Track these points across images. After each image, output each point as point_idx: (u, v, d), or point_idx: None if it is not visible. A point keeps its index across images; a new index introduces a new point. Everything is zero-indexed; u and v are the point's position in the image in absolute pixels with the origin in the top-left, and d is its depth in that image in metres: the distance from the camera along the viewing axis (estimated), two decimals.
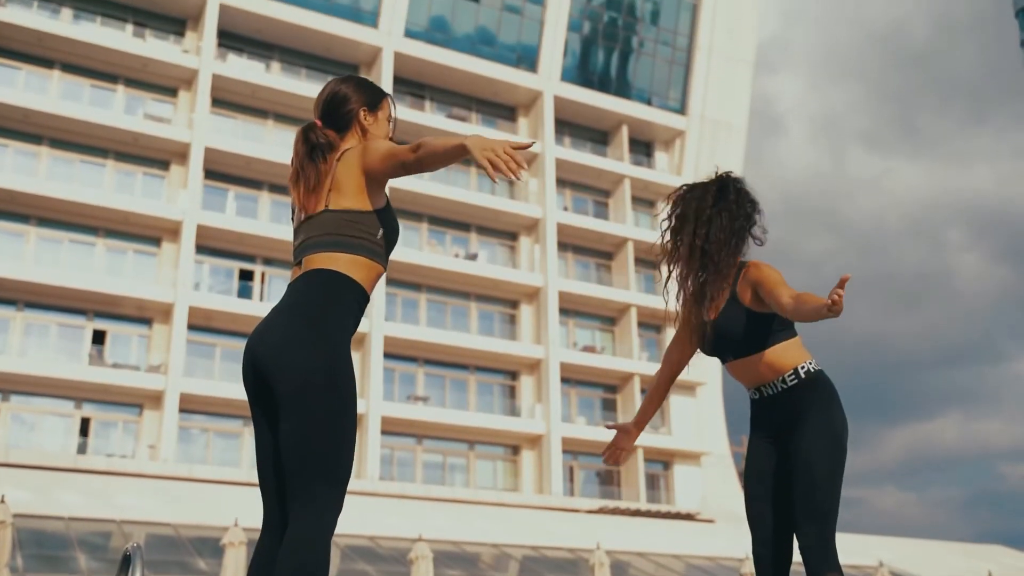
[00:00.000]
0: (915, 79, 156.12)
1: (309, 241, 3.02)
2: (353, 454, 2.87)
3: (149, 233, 32.07)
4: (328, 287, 2.94)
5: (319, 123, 3.17)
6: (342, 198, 3.00)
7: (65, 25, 31.86)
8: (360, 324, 3.34)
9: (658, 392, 3.99)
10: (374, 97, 3.22)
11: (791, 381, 3.61)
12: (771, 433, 3.67)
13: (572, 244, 39.06)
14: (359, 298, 2.99)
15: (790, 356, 3.63)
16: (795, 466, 3.50)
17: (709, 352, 3.79)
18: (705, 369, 37.92)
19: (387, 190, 3.17)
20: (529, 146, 2.78)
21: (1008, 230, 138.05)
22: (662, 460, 37.78)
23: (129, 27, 33.58)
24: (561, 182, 39.46)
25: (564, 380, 36.67)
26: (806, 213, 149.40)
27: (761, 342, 3.64)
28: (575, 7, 40.01)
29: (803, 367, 3.61)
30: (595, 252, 39.70)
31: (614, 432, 4.10)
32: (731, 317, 3.68)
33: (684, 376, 4.06)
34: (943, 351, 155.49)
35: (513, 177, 2.70)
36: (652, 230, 40.48)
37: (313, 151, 3.08)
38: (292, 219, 3.19)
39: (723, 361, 3.79)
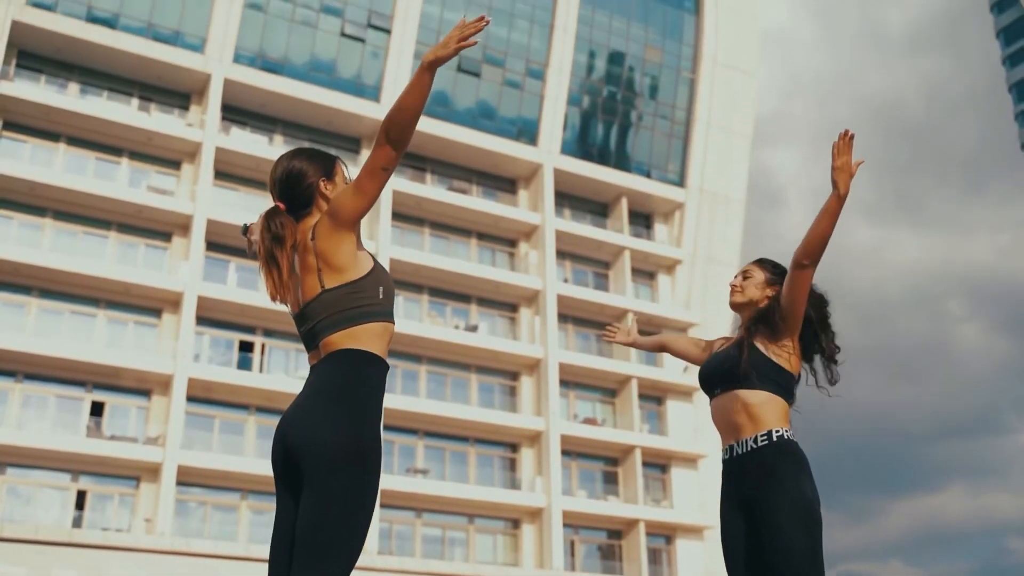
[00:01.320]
0: (913, 152, 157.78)
1: (320, 325, 3.02)
2: (366, 535, 2.87)
3: (150, 304, 32.12)
4: (354, 368, 2.97)
5: (282, 205, 3.14)
6: (334, 273, 3.02)
7: (72, 99, 32.30)
8: None
9: (656, 344, 4.28)
10: (327, 165, 3.20)
11: (762, 441, 3.56)
12: (741, 502, 3.59)
13: (572, 315, 39.08)
14: (383, 370, 3.04)
15: (771, 414, 3.60)
16: (770, 544, 3.42)
17: (703, 377, 3.81)
18: (708, 442, 37.66)
19: (372, 253, 3.18)
20: (476, 22, 2.88)
21: (1008, 301, 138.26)
22: (664, 534, 37.32)
23: (135, 101, 34.03)
24: (561, 254, 39.63)
25: (565, 452, 36.39)
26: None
27: (753, 379, 3.62)
28: (574, 82, 40.58)
29: (778, 431, 3.57)
30: (595, 324, 39.69)
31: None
32: (737, 347, 3.72)
33: (687, 448, 4.10)
34: (947, 423, 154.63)
35: (476, 33, 2.85)
36: (652, 301, 40.57)
37: (275, 242, 3.07)
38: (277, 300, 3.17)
39: (711, 395, 3.77)
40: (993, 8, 70.06)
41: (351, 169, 3.27)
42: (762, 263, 3.94)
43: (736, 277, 3.95)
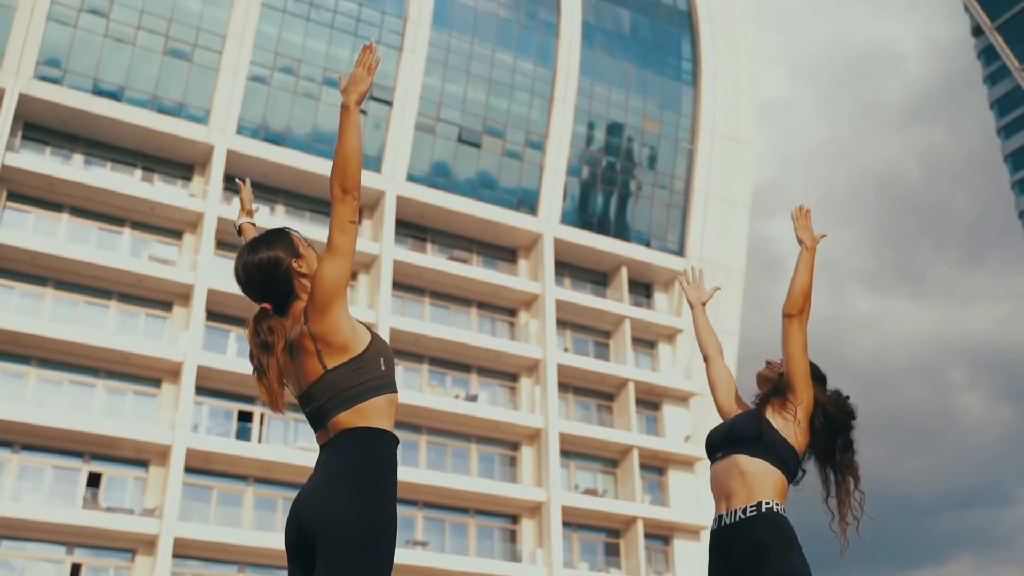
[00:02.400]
0: (911, 221, 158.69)
1: (326, 406, 2.99)
2: None
3: (149, 374, 32.04)
4: (366, 446, 2.94)
5: (268, 306, 3.07)
6: (335, 351, 2.98)
7: (76, 170, 32.60)
8: None
9: (706, 344, 4.26)
10: (289, 242, 3.14)
11: (751, 512, 3.51)
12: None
13: (573, 385, 38.95)
14: (394, 445, 3.01)
15: (767, 485, 3.55)
16: None
17: (708, 439, 3.80)
18: (710, 513, 37.24)
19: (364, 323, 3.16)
20: (368, 48, 3.00)
21: (1010, 371, 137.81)
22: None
23: (138, 171, 34.34)
24: (561, 323, 39.63)
25: (566, 524, 35.99)
26: (810, 353, 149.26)
27: (756, 446, 3.59)
28: (574, 152, 40.98)
29: (768, 503, 3.52)
30: (596, 393, 39.55)
31: None
32: (750, 415, 3.71)
33: (690, 519, 4.07)
34: (952, 493, 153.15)
35: (375, 57, 2.98)
36: (653, 371, 40.44)
37: (263, 349, 3.01)
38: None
39: (712, 460, 3.74)
40: (987, 80, 71.03)
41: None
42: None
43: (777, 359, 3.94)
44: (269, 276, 3.06)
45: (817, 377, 3.81)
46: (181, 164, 35.20)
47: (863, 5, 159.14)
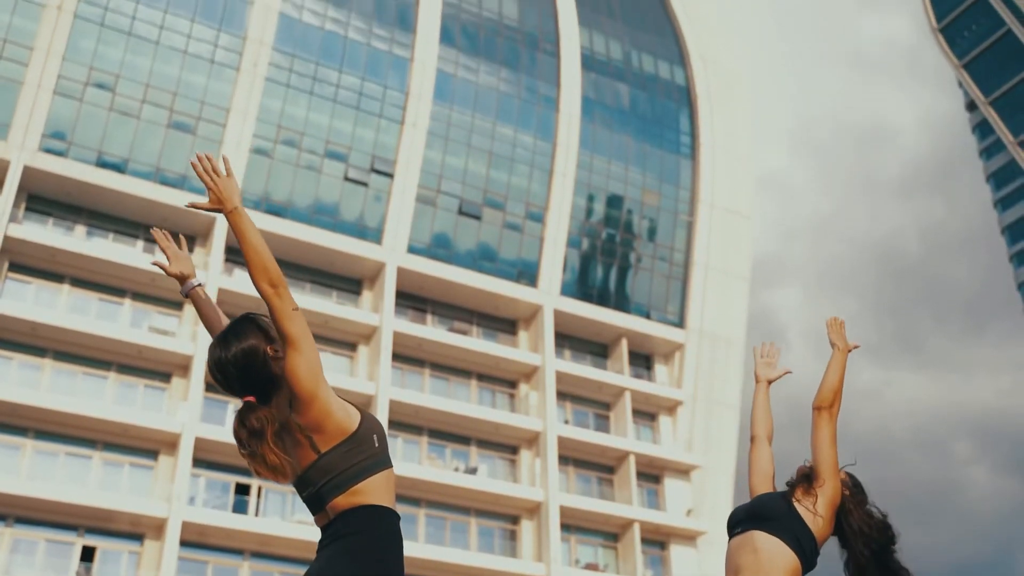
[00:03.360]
0: (911, 292, 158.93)
1: (324, 488, 2.95)
2: None
3: (147, 446, 31.81)
4: (368, 527, 2.90)
5: (252, 398, 2.99)
6: (327, 436, 2.94)
7: (78, 241, 32.76)
8: None
9: (760, 426, 4.15)
10: (257, 328, 3.03)
11: None
12: None
13: (573, 458, 38.64)
14: (396, 521, 2.97)
15: (778, 564, 3.49)
16: None
17: (731, 516, 3.76)
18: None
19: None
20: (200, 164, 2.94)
21: (1014, 443, 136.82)
22: None
23: (140, 243, 34.51)
24: (561, 395, 39.46)
25: None
26: (810, 425, 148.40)
27: (774, 525, 3.55)
28: (574, 224, 41.21)
29: None
30: (597, 466, 39.22)
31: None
32: (775, 495, 3.73)
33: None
34: (960, 569, 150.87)
35: (209, 166, 2.91)
36: (653, 443, 40.16)
37: (255, 438, 2.92)
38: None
39: (731, 534, 3.69)
40: (982, 153, 71.74)
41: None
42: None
43: None
44: (247, 369, 2.96)
45: (857, 490, 3.82)
46: (183, 235, 35.33)
47: (859, 79, 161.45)
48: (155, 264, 3.58)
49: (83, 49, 33.76)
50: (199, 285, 3.63)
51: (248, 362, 2.95)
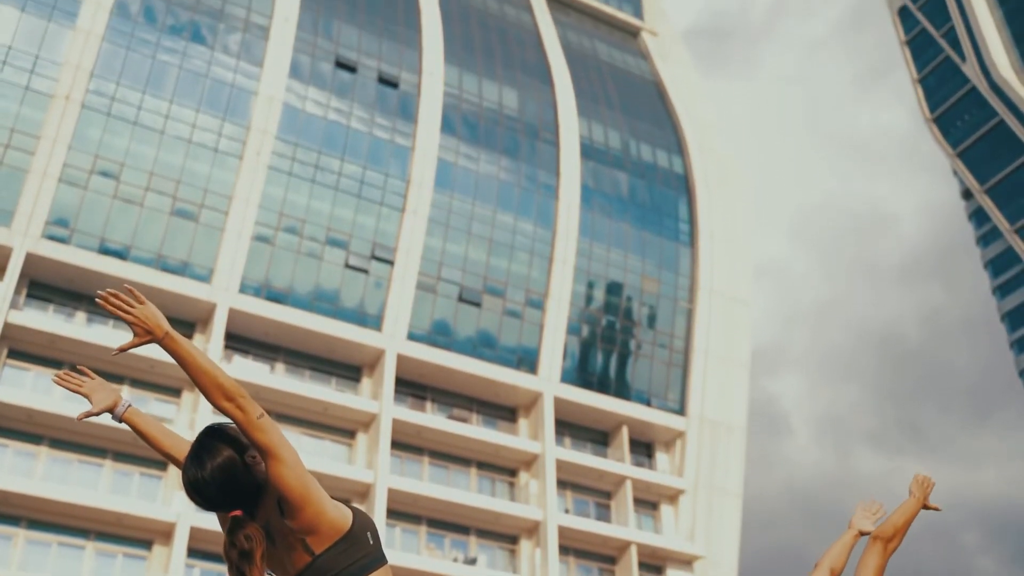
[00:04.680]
0: (914, 379, 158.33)
1: None
2: None
3: (141, 536, 31.35)
4: None
5: (239, 512, 2.88)
6: (320, 538, 2.86)
7: (78, 327, 32.75)
8: None
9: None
10: (229, 439, 2.91)
11: None
12: None
13: (574, 548, 38.05)
14: None
15: None
16: None
17: None
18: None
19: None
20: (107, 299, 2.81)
21: (1022, 532, 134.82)
22: None
23: None
24: (562, 484, 39.03)
25: None
26: (816, 513, 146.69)
27: None
28: (574, 311, 41.26)
29: None
30: (598, 556, 38.59)
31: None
32: None
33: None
34: None
35: (131, 305, 2.80)
36: (655, 532, 39.58)
37: (244, 559, 2.81)
38: None
39: None
40: (979, 240, 72.20)
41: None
42: None
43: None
44: (229, 484, 2.82)
45: None
46: (183, 322, 35.40)
47: (856, 167, 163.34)
48: (82, 416, 3.27)
49: (89, 138, 34.22)
50: (129, 407, 3.42)
51: (229, 476, 2.82)
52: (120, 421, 3.41)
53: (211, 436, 2.90)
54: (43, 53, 34.26)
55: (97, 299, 2.85)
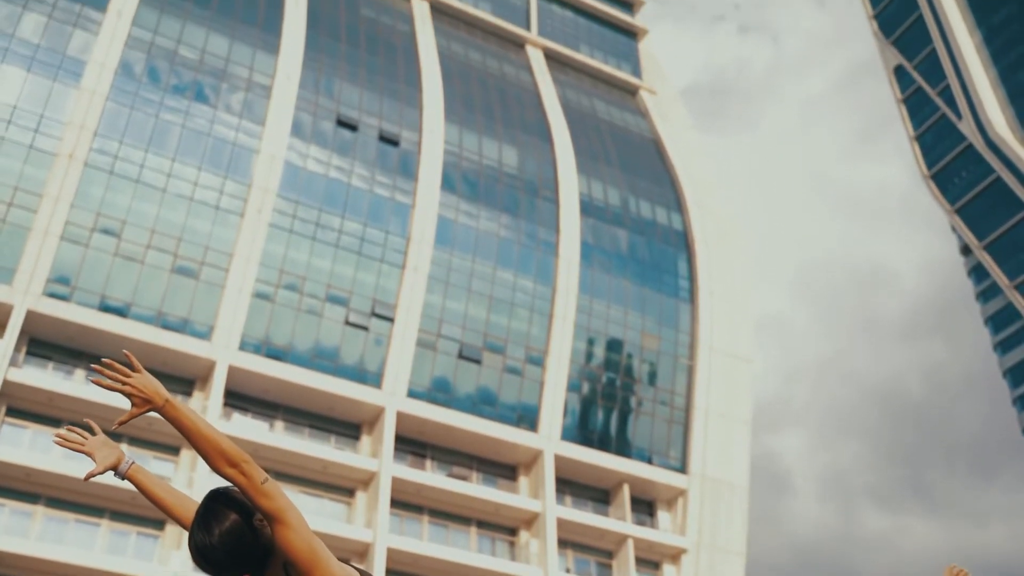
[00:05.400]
0: (917, 435, 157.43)
1: None
2: None
3: None
4: None
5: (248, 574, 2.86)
6: None
7: (77, 385, 32.67)
8: None
9: None
10: (236, 503, 2.93)
11: None
12: None
13: None
14: None
15: None
16: None
17: None
18: None
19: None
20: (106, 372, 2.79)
21: None
22: None
23: None
24: (563, 542, 38.64)
25: None
26: (821, 571, 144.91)
27: None
28: (574, 368, 41.17)
29: None
30: None
31: None
32: None
33: None
34: None
35: (127, 375, 2.80)
36: None
37: None
38: None
39: None
40: (979, 297, 72.25)
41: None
42: None
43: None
44: (237, 549, 2.82)
45: None
46: (182, 380, 35.33)
47: (856, 223, 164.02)
48: (89, 476, 3.20)
49: (91, 196, 34.43)
50: (132, 464, 3.39)
51: (237, 541, 2.82)
52: (124, 479, 3.38)
53: (217, 500, 2.90)
54: (48, 112, 34.61)
55: (93, 379, 2.86)
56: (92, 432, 3.40)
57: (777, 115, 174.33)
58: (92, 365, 2.91)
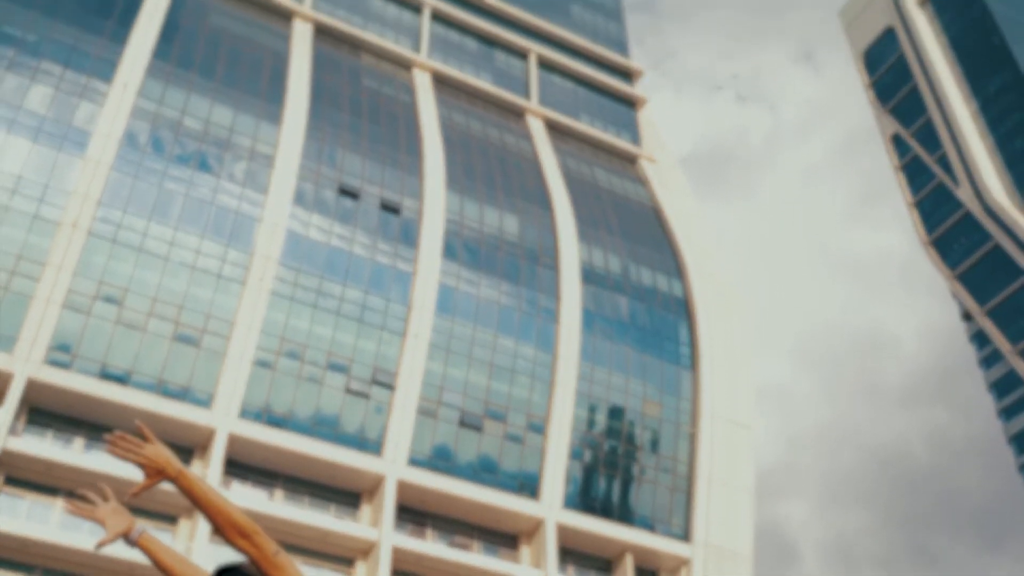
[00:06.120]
0: (923, 503, 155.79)
1: None
2: None
3: None
4: None
5: None
6: None
7: (76, 454, 32.50)
8: None
9: None
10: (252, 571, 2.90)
11: None
12: None
13: None
14: None
15: None
16: None
17: None
18: None
19: None
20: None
21: None
22: None
23: None
24: None
25: None
26: None
27: None
28: (576, 436, 40.94)
29: None
30: None
31: None
32: None
33: None
34: None
35: (139, 446, 2.79)
36: None
37: None
38: None
39: None
40: (982, 363, 72.08)
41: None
42: None
43: None
44: None
45: None
46: (182, 448, 35.15)
47: (856, 289, 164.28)
48: (100, 545, 3.22)
49: (94, 264, 34.61)
50: (143, 532, 3.40)
51: None
52: (134, 546, 3.37)
53: (228, 575, 2.90)
54: (52, 182, 34.95)
55: (107, 448, 2.89)
56: (104, 496, 3.42)
57: (776, 182, 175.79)
58: (106, 436, 2.95)
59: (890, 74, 79.29)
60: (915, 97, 76.24)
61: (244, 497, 33.97)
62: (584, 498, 40.47)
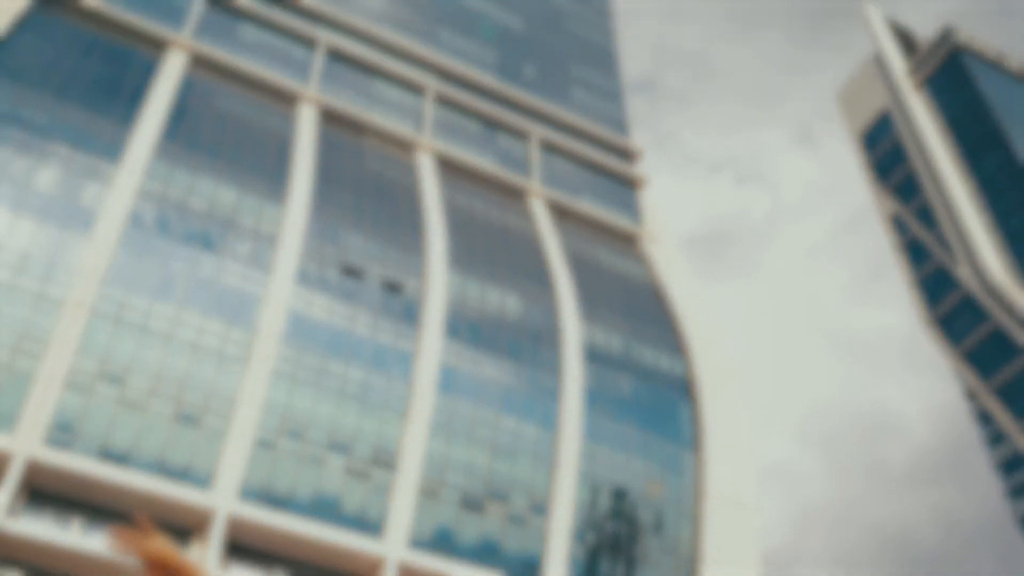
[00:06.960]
0: None
1: None
2: None
3: None
4: None
5: None
6: None
7: (74, 537, 32.15)
8: None
9: None
10: None
11: None
12: None
13: None
14: None
15: None
16: None
17: None
18: None
19: None
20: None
21: None
22: None
23: None
24: None
25: None
26: None
27: None
28: (578, 518, 40.53)
29: None
30: None
31: None
32: None
33: None
34: None
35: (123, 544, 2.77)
36: None
37: None
38: None
39: None
40: (987, 442, 71.56)
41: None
42: None
43: None
44: None
45: None
46: (181, 530, 34.79)
47: (859, 368, 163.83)
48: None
49: (97, 343, 34.67)
50: None
51: None
52: None
53: None
54: (57, 261, 35.19)
55: (109, 542, 2.93)
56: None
57: (777, 262, 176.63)
58: (108, 530, 2.99)
59: (888, 156, 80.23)
60: (913, 177, 77.02)
61: None
62: None
